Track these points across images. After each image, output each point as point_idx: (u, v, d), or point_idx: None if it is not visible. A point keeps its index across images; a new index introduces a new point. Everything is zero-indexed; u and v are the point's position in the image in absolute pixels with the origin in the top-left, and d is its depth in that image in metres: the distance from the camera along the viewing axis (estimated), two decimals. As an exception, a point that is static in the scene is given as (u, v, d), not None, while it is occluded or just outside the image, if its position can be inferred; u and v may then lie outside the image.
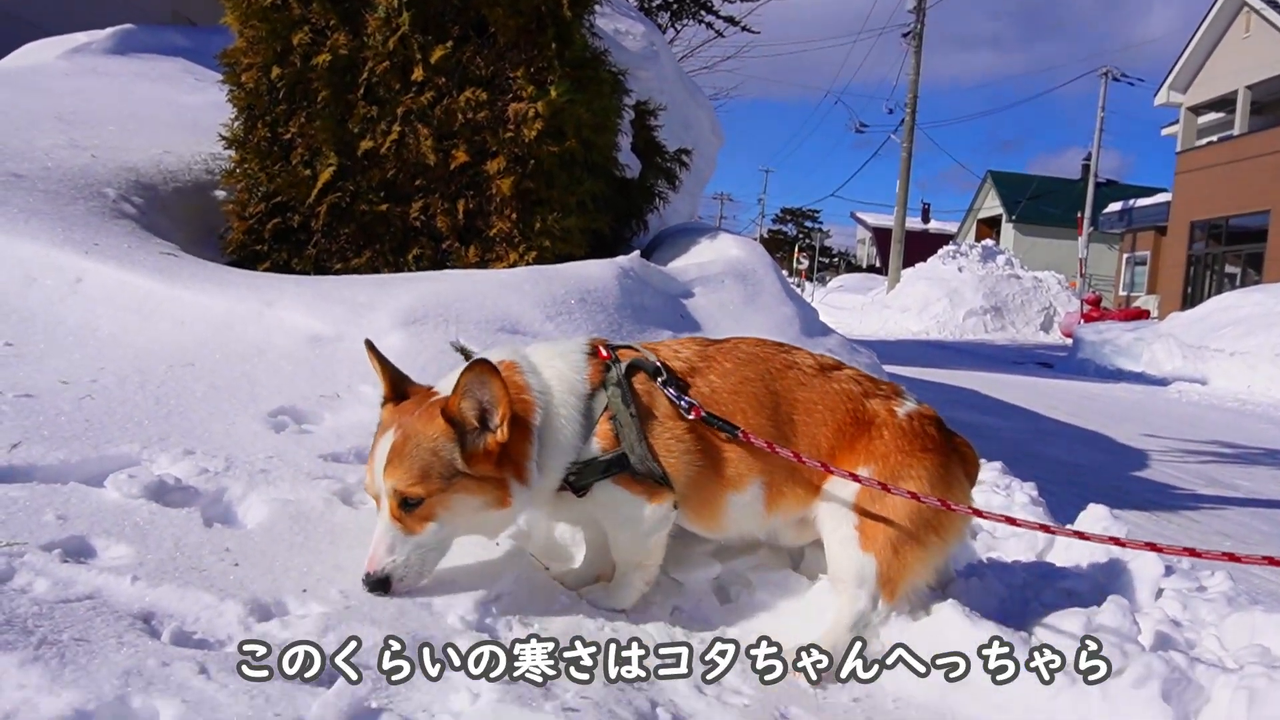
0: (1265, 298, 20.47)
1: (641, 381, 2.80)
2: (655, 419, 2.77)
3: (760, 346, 2.94)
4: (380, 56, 6.15)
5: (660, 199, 8.03)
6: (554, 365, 2.81)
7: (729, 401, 2.78)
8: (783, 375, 2.84)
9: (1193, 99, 38.36)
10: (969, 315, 34.44)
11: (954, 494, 2.78)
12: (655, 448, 2.75)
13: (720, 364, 2.85)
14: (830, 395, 2.82)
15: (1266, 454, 10.54)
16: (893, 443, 2.76)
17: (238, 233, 6.22)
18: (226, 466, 3.21)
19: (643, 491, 2.75)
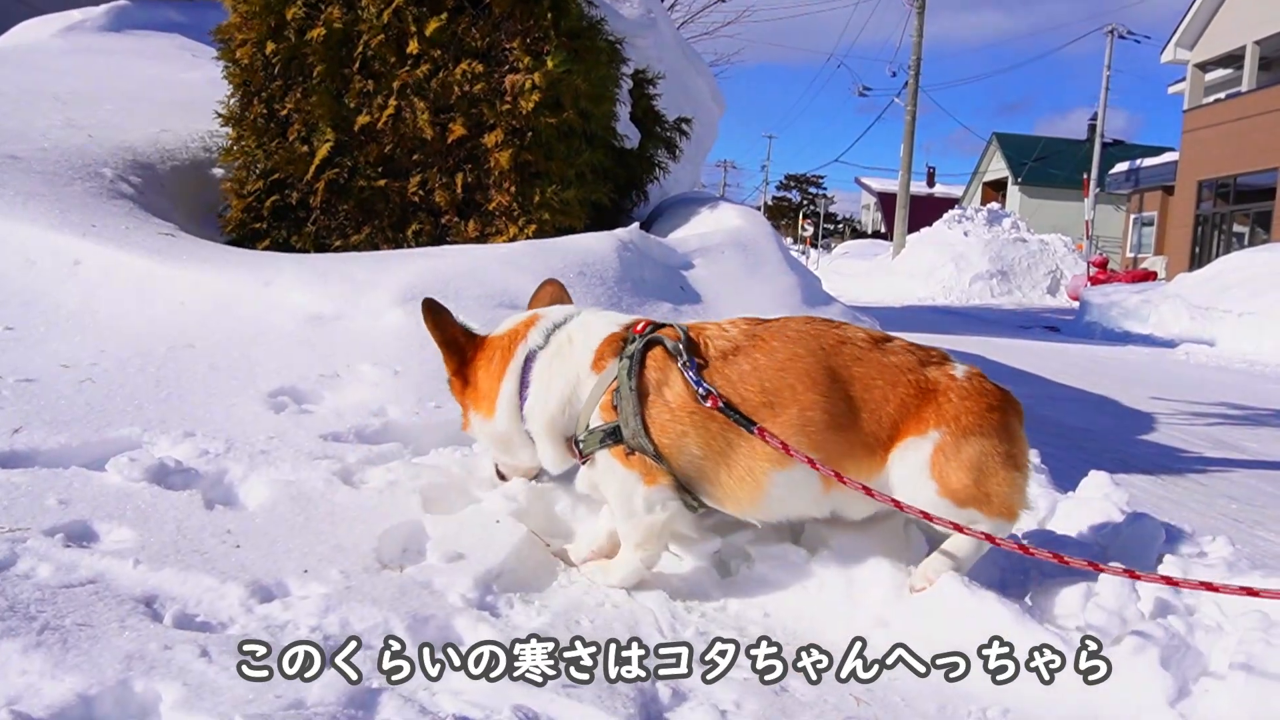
0: (1273, 257, 20.36)
1: (656, 359, 2.80)
2: (655, 396, 2.76)
3: (810, 324, 2.90)
4: (375, 30, 6.13)
5: (660, 168, 7.99)
6: (572, 329, 2.95)
7: (775, 379, 2.75)
8: (838, 351, 2.80)
9: (1200, 55, 38.00)
10: (975, 280, 34.35)
11: (1017, 446, 2.82)
12: (650, 425, 2.74)
13: (767, 343, 2.81)
14: (889, 368, 2.79)
15: (1274, 415, 10.52)
16: (961, 404, 2.76)
17: (236, 211, 6.22)
18: (227, 448, 3.22)
19: (637, 467, 2.76)
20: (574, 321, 2.99)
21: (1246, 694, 2.30)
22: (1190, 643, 2.47)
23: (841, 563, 2.81)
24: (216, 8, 6.82)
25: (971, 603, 2.57)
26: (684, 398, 2.75)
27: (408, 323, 4.09)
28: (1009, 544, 2.62)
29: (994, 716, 2.37)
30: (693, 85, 9.97)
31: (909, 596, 2.68)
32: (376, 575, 2.64)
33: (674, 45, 9.72)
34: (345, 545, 2.76)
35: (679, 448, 2.75)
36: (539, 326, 2.98)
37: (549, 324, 2.98)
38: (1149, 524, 3.19)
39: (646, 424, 2.74)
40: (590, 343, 2.90)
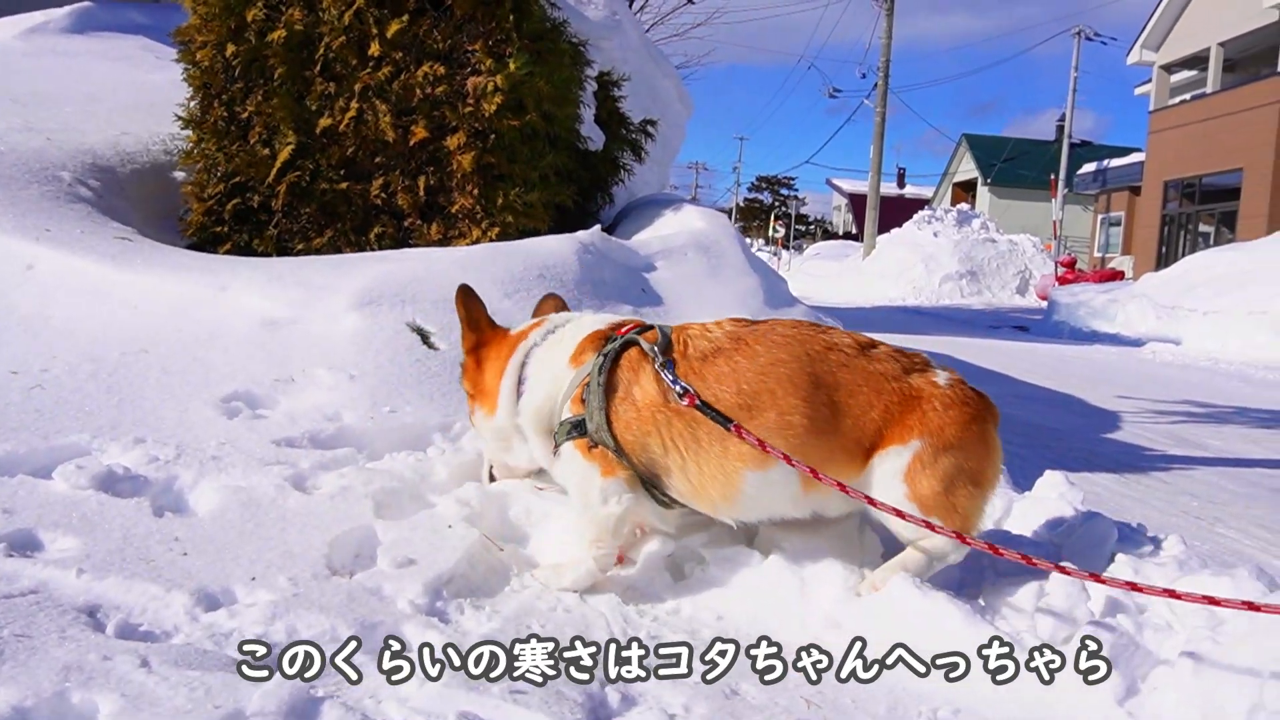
0: (1238, 256, 20.59)
1: (630, 357, 2.84)
2: (623, 394, 2.79)
3: (797, 329, 2.90)
4: (336, 32, 6.08)
5: (625, 171, 7.98)
6: (567, 329, 3.05)
7: (754, 382, 2.75)
8: (824, 358, 2.80)
9: (1165, 57, 38.36)
10: (945, 280, 34.53)
11: (992, 454, 2.87)
12: (614, 420, 2.77)
13: (750, 346, 2.82)
14: (874, 375, 2.80)
15: (1237, 412, 10.62)
16: (945, 414, 2.77)
17: (197, 214, 6.16)
18: (177, 454, 3.18)
19: (597, 460, 2.79)
20: (572, 323, 3.10)
21: (1194, 692, 2.32)
22: (1140, 641, 2.48)
23: (794, 565, 2.81)
24: (181, 9, 6.75)
25: (923, 604, 2.58)
26: (653, 397, 2.77)
27: (364, 327, 4.07)
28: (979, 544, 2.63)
29: (945, 716, 2.38)
30: (659, 87, 9.97)
31: (861, 598, 2.68)
32: (326, 582, 2.61)
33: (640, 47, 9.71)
34: (295, 552, 2.73)
35: (642, 445, 2.78)
36: (542, 328, 3.10)
37: (551, 325, 3.10)
38: (1102, 523, 3.20)
39: (610, 419, 2.77)
40: (575, 338, 2.97)
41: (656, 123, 8.58)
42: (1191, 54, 36.92)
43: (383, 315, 4.17)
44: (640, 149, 8.24)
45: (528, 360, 3.02)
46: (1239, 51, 35.44)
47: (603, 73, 7.88)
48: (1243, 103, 32.51)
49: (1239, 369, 14.93)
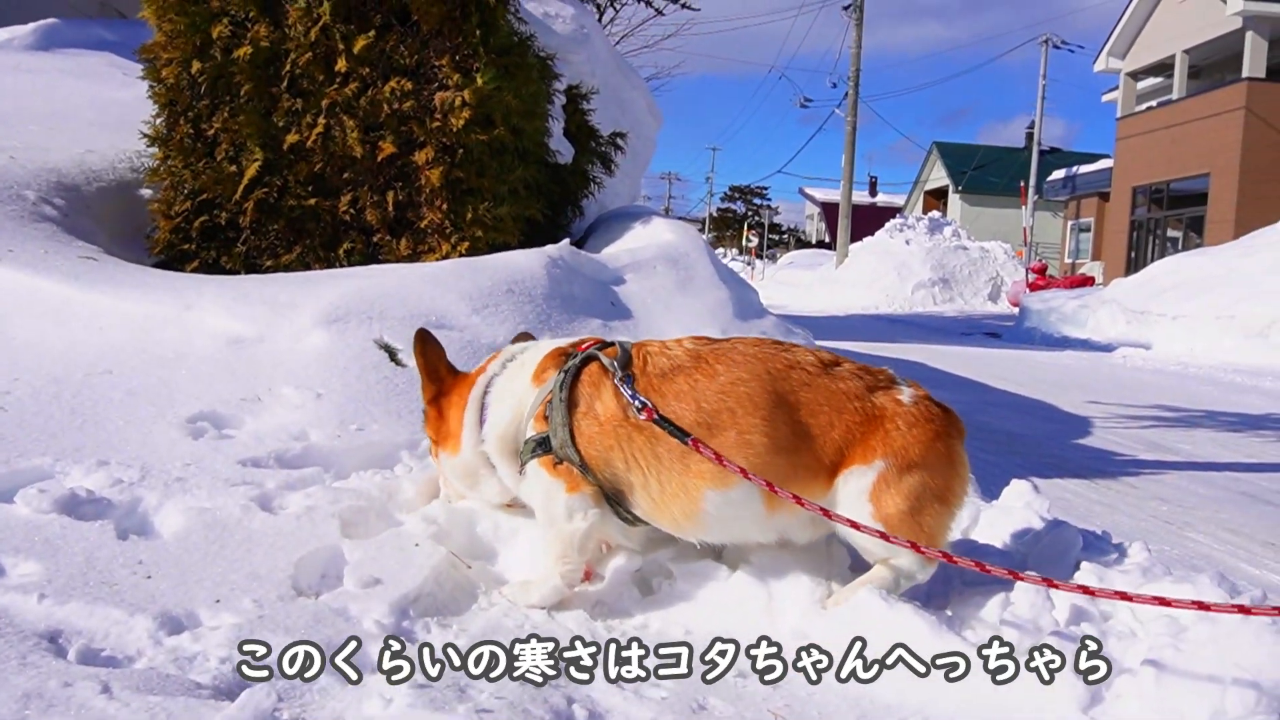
0: (1205, 261, 20.81)
1: (591, 373, 2.85)
2: (585, 408, 2.80)
3: (759, 347, 2.90)
4: (302, 48, 6.07)
5: (595, 183, 7.99)
6: (526, 354, 3.07)
7: (714, 400, 2.75)
8: (785, 376, 2.80)
9: (1131, 64, 38.77)
10: (917, 288, 34.72)
11: (959, 471, 2.86)
12: (577, 435, 2.77)
13: (711, 365, 2.82)
14: (836, 395, 2.80)
15: (1206, 416, 10.72)
16: (909, 433, 2.77)
17: (164, 232, 6.13)
18: (142, 476, 3.16)
19: (562, 476, 2.79)
20: (531, 348, 3.11)
21: (1157, 699, 2.34)
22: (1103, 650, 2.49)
23: (762, 578, 2.82)
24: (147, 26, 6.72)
25: (889, 615, 2.59)
26: (614, 410, 2.77)
27: (331, 345, 4.06)
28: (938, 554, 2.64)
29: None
30: (628, 99, 9.99)
31: (828, 611, 2.69)
32: (291, 603, 2.60)
33: (608, 60, 9.73)
34: (260, 573, 2.72)
35: (605, 459, 2.78)
36: (499, 359, 3.12)
37: (509, 354, 3.12)
38: (1068, 531, 3.23)
39: (574, 434, 2.77)
40: (536, 359, 2.98)
41: (626, 135, 8.60)
42: (1157, 61, 37.34)
43: (350, 332, 4.16)
44: (610, 161, 8.25)
45: (489, 389, 3.03)
46: (1203, 58, 35.88)
47: (571, 86, 7.89)
48: (1208, 108, 32.90)
49: (1208, 373, 15.07)
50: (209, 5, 6.07)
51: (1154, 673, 2.36)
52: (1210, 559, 5.25)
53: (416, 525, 3.04)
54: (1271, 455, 8.47)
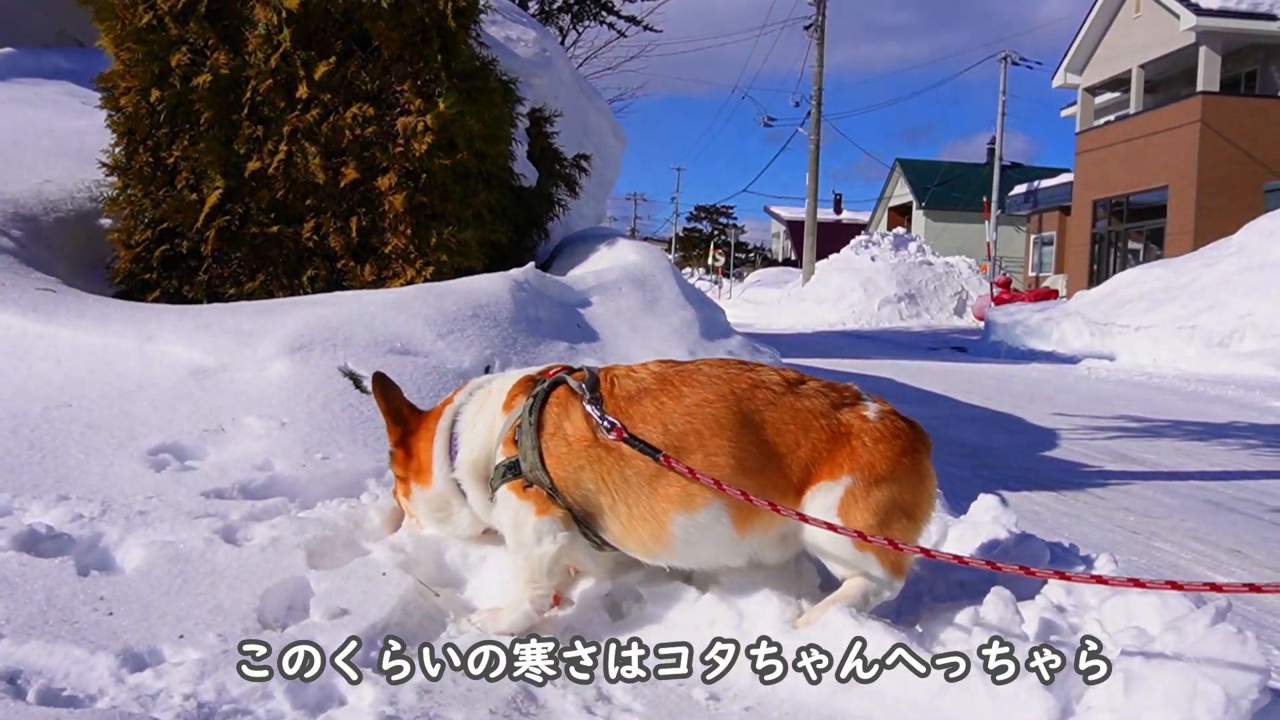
0: (1166, 272, 21.05)
1: (559, 396, 2.86)
2: (553, 430, 2.80)
3: (723, 368, 2.91)
4: (263, 75, 6.04)
5: (560, 206, 7.99)
6: (495, 383, 3.09)
7: (681, 423, 2.76)
8: (751, 396, 2.80)
9: (1089, 80, 39.31)
10: (884, 304, 34.91)
11: (926, 485, 2.87)
12: (546, 457, 2.77)
13: (676, 387, 2.83)
14: (802, 413, 2.80)
15: (1171, 425, 10.82)
16: (875, 448, 2.77)
17: (125, 262, 6.07)
18: (103, 511, 3.11)
19: (531, 499, 2.78)
20: (498, 378, 3.13)
21: (1126, 710, 2.34)
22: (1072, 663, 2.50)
23: (731, 599, 2.81)
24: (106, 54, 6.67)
25: (860, 633, 2.58)
26: (583, 431, 2.78)
27: (295, 373, 4.02)
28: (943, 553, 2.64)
29: (885, 746, 2.38)
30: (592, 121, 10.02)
31: (797, 630, 2.69)
32: (257, 637, 2.56)
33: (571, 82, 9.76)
34: (225, 607, 2.68)
35: (575, 481, 2.77)
36: (465, 390, 3.14)
37: (476, 385, 3.14)
38: (1036, 545, 3.24)
39: (543, 456, 2.77)
40: (505, 388, 2.99)
41: (590, 157, 8.62)
42: (1113, 76, 37.88)
43: (314, 360, 4.13)
44: (575, 184, 8.26)
45: (457, 419, 3.04)
46: (1159, 73, 36.45)
47: (534, 109, 7.91)
48: (1165, 122, 33.39)
49: (1171, 382, 15.23)
50: (167, 33, 6.03)
51: (1123, 684, 2.36)
52: (1177, 568, 5.29)
53: (384, 554, 3.01)
54: (1235, 463, 8.56)
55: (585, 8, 19.31)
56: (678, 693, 2.54)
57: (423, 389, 4.18)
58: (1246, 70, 34.19)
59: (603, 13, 19.21)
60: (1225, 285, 18.35)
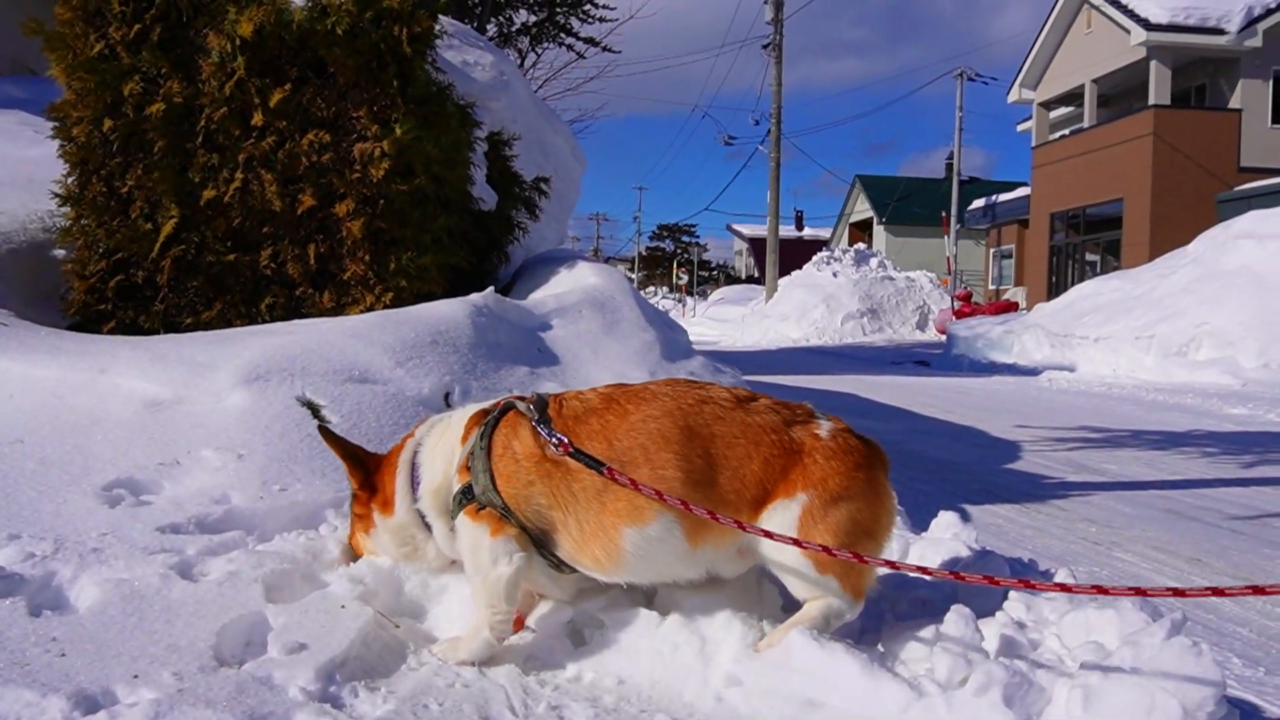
0: (1123, 283, 21.30)
1: (509, 420, 2.89)
2: (502, 450, 2.83)
3: (670, 386, 2.92)
4: (217, 102, 6.01)
5: (520, 229, 7.99)
6: (452, 416, 3.13)
7: (626, 438, 2.77)
8: (698, 411, 2.80)
9: (1043, 95, 39.86)
10: (846, 319, 35.10)
11: (884, 502, 2.86)
12: (496, 477, 2.79)
13: (622, 405, 2.84)
14: (752, 428, 2.80)
15: (1131, 435, 10.93)
16: (827, 465, 2.76)
17: (79, 293, 6.00)
18: (55, 549, 3.06)
19: (485, 520, 2.79)
20: (457, 412, 3.15)
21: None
22: (1032, 679, 2.51)
23: (693, 623, 2.80)
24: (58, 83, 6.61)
25: (820, 655, 2.58)
26: (530, 449, 2.80)
27: (252, 404, 3.98)
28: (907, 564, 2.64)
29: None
30: (551, 143, 10.03)
31: (759, 653, 2.68)
32: (213, 674, 2.53)
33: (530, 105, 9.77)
34: (181, 644, 2.64)
35: (525, 497, 2.78)
36: (424, 425, 3.17)
37: (432, 421, 3.18)
38: (995, 561, 3.26)
39: (494, 478, 2.79)
40: (462, 421, 3.02)
41: (550, 179, 8.63)
42: (1067, 91, 38.45)
43: (271, 391, 4.09)
44: (534, 206, 8.26)
45: (418, 452, 3.07)
46: (1112, 87, 37.03)
47: (493, 133, 7.91)
48: (1119, 135, 33.90)
49: (1130, 392, 15.40)
50: (119, 62, 5.99)
51: (1082, 699, 2.38)
52: (1138, 578, 5.33)
53: (342, 586, 2.99)
54: (1194, 472, 8.66)
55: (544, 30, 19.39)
56: (639, 719, 2.53)
57: (382, 417, 4.15)
58: (1196, 84, 34.78)
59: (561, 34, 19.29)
60: (1181, 295, 18.60)
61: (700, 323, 43.57)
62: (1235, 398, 14.08)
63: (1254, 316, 16.96)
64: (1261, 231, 19.06)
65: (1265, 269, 18.00)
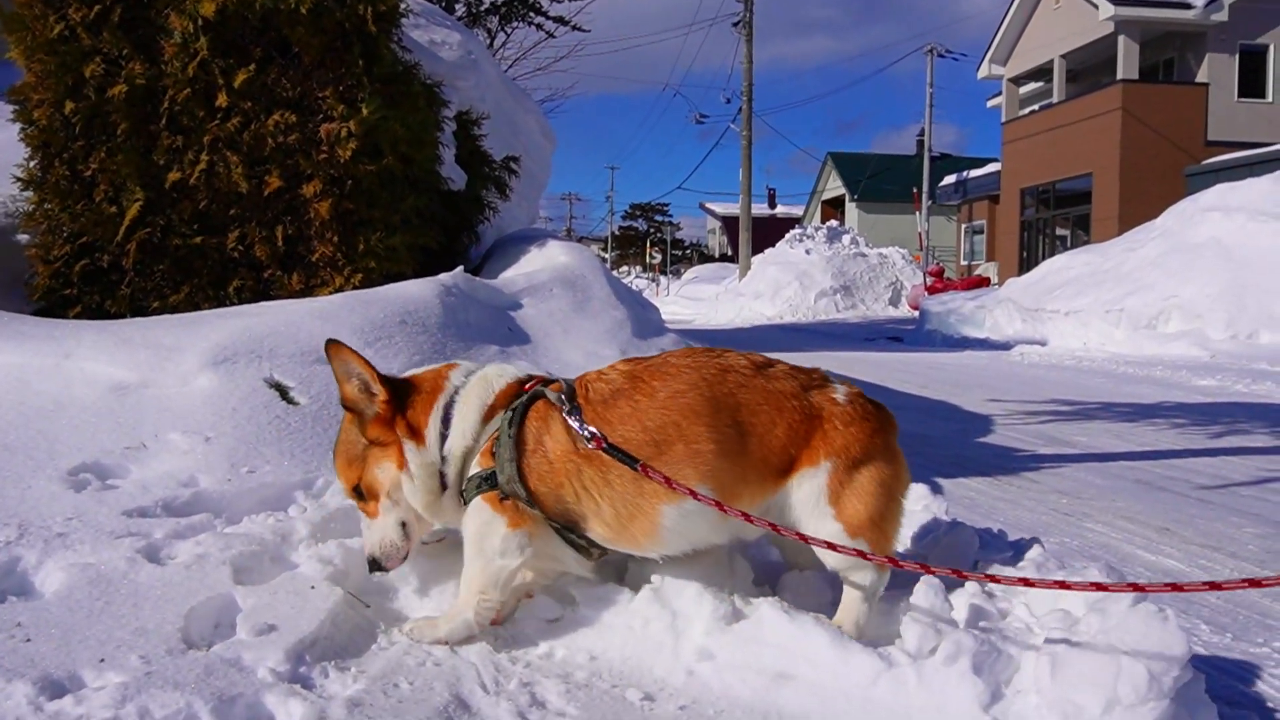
0: (1092, 257, 21.45)
1: (539, 409, 2.81)
2: (534, 446, 2.77)
3: (690, 357, 2.92)
4: (181, 84, 5.94)
5: (490, 209, 7.95)
6: (486, 374, 2.95)
7: (658, 417, 2.76)
8: (721, 380, 2.82)
9: (1012, 70, 39.99)
10: (820, 296, 35.17)
11: (902, 463, 2.94)
12: (527, 473, 2.74)
13: (647, 383, 2.82)
14: (774, 394, 2.82)
15: (1101, 408, 11.01)
16: (847, 431, 2.81)
17: (43, 278, 5.94)
18: (20, 534, 3.03)
19: (504, 512, 2.75)
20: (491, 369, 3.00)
21: (1054, 692, 2.38)
22: (1001, 648, 2.53)
23: (664, 599, 2.80)
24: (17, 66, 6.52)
25: (791, 628, 2.60)
26: (564, 445, 2.76)
27: (219, 386, 3.95)
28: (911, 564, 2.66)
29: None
30: (521, 123, 9.98)
31: (731, 627, 2.69)
32: (181, 657, 2.51)
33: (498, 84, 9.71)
34: (148, 628, 2.62)
35: (556, 496, 2.76)
36: (461, 369, 2.99)
37: (471, 370, 2.99)
38: (965, 531, 3.28)
39: (524, 471, 2.74)
40: (489, 392, 2.90)
41: (520, 159, 8.59)
42: (1036, 66, 38.59)
43: (238, 373, 4.06)
44: (505, 186, 8.23)
45: (453, 404, 2.87)
46: (1080, 63, 37.17)
47: (461, 112, 7.86)
48: (1087, 110, 34.07)
49: (1101, 365, 15.51)
50: (80, 44, 5.91)
51: (1050, 667, 2.40)
52: (1108, 548, 5.38)
53: (312, 567, 2.97)
54: (1163, 443, 8.73)
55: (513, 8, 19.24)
56: (612, 694, 2.53)
57: (351, 398, 4.13)
58: (1164, 58, 34.97)
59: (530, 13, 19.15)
60: (1150, 268, 18.75)
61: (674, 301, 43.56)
62: (1204, 369, 14.21)
63: (1222, 289, 17.12)
64: (1229, 204, 19.22)
65: (1232, 241, 18.15)
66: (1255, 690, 3.33)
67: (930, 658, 2.49)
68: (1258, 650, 3.68)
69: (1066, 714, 2.34)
